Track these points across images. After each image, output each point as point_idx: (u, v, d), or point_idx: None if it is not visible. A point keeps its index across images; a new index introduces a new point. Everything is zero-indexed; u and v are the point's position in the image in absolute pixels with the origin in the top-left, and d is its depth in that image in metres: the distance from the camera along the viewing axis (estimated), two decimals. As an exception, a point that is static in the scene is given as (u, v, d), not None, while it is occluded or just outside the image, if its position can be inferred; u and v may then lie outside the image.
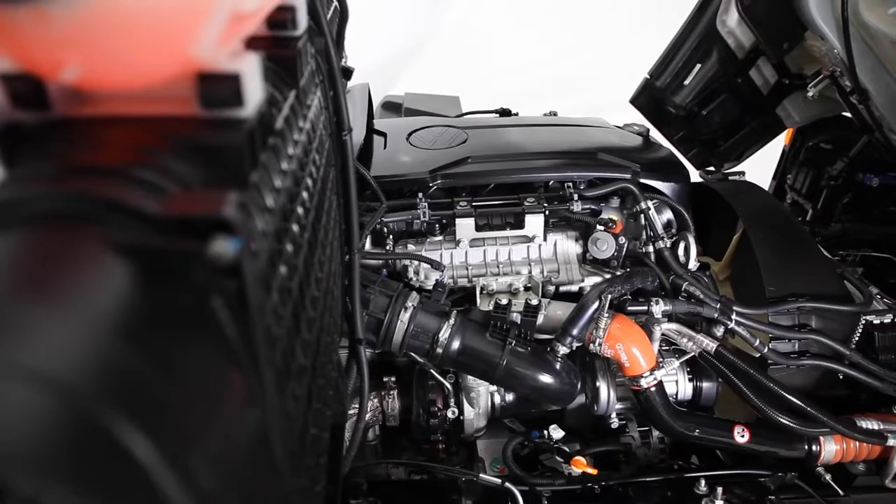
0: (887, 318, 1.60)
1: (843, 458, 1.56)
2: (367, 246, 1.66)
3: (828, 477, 1.53)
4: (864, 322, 1.60)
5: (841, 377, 1.61)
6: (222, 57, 0.50)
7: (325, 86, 1.00)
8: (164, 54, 0.47)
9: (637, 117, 2.46)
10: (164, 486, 0.36)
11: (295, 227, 0.72)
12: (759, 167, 2.69)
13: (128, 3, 0.42)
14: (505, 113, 2.43)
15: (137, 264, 0.43)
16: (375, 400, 1.62)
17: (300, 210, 0.75)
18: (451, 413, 1.59)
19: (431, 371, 1.58)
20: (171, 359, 0.42)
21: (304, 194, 0.79)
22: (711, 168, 2.56)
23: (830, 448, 1.55)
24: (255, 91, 0.53)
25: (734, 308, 1.53)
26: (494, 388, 1.62)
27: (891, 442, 1.49)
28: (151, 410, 0.38)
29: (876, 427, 1.51)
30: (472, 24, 4.99)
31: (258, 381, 0.52)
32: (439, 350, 1.43)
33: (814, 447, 1.55)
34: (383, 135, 1.96)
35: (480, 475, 1.46)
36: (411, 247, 1.65)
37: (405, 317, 1.42)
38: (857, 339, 1.61)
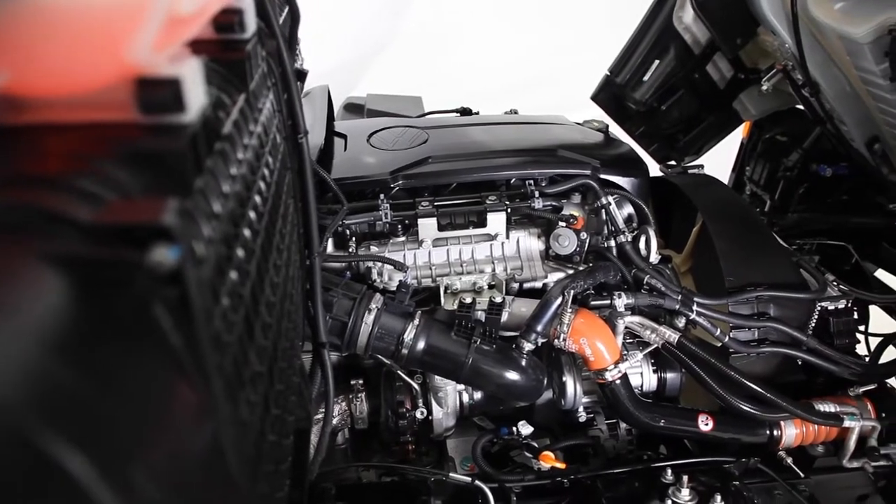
0: (841, 304, 1.65)
1: (804, 442, 1.60)
2: (330, 249, 1.65)
3: (789, 460, 1.57)
4: (819, 308, 1.64)
5: (799, 363, 1.65)
6: (161, 61, 0.49)
7: (278, 89, 0.99)
8: (98, 59, 0.46)
9: (599, 114, 2.49)
10: (102, 501, 0.35)
11: (247, 232, 0.71)
12: (719, 160, 2.75)
13: (55, 6, 0.41)
14: (465, 112, 2.43)
15: (74, 275, 0.42)
16: (343, 403, 1.61)
17: (252, 215, 0.74)
18: (419, 413, 1.58)
19: (399, 372, 1.58)
20: (111, 371, 0.42)
21: (257, 198, 0.78)
22: (672, 162, 2.60)
23: (791, 432, 1.58)
24: (197, 96, 0.52)
25: (695, 299, 1.56)
26: (462, 387, 1.62)
27: (847, 423, 1.53)
28: (87, 425, 0.37)
29: (833, 410, 1.55)
30: (434, 25, 5.00)
31: (207, 389, 0.51)
32: (405, 351, 1.42)
33: (775, 432, 1.59)
34: (343, 137, 1.95)
35: (450, 474, 1.46)
36: (374, 248, 1.65)
37: (369, 319, 1.41)
38: (813, 325, 1.65)
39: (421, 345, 1.43)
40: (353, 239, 1.64)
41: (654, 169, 2.55)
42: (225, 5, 0.71)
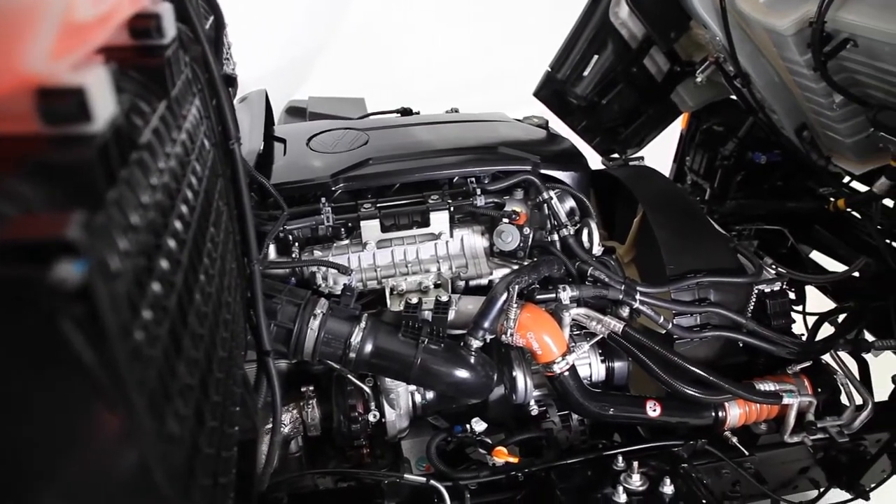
0: (776, 287, 1.70)
1: (747, 421, 1.66)
2: (272, 255, 1.63)
3: (734, 440, 1.63)
4: (756, 292, 1.70)
5: (740, 345, 1.71)
6: (62, 70, 0.48)
7: (205, 94, 0.97)
8: (-11, 69, 0.44)
9: (542, 111, 2.52)
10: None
11: (171, 243, 0.69)
12: (662, 151, 2.82)
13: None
14: (406, 112, 2.43)
15: (-24, 296, 0.40)
16: (294, 411, 1.59)
17: (178, 224, 0.73)
18: (372, 417, 1.58)
19: (349, 376, 1.56)
20: (14, 394, 0.40)
21: (183, 208, 0.76)
22: (616, 155, 2.65)
23: (735, 412, 1.63)
24: (105, 104, 0.51)
25: (638, 288, 1.60)
26: (414, 387, 1.62)
27: (786, 400, 1.59)
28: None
29: (772, 388, 1.61)
30: (375, 26, 4.97)
31: (126, 406, 0.50)
32: (352, 355, 1.41)
33: (720, 413, 1.63)
34: (283, 141, 1.92)
35: (405, 475, 1.46)
36: (318, 253, 1.63)
37: (315, 324, 1.39)
38: (751, 308, 1.71)
39: (368, 348, 1.42)
40: (296, 244, 1.62)
41: (598, 162, 2.60)
42: (139, 10, 0.69)
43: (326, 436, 1.63)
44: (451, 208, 1.66)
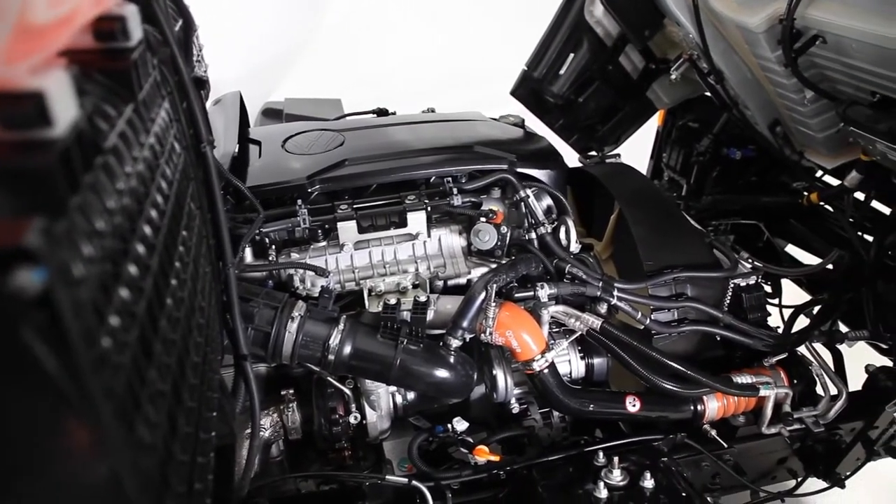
0: (752, 280, 1.72)
1: (725, 413, 1.68)
2: (249, 258, 1.62)
3: (713, 432, 1.64)
4: (732, 286, 1.72)
5: (718, 339, 1.72)
6: (20, 74, 0.47)
7: (174, 97, 0.96)
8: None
9: (520, 109, 2.53)
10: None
11: (140, 248, 0.68)
12: (640, 149, 2.84)
13: None
14: (382, 113, 2.42)
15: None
16: (275, 415, 1.58)
17: (147, 229, 0.72)
18: (353, 419, 1.57)
19: (329, 378, 1.55)
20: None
21: (153, 212, 0.76)
22: (594, 153, 2.67)
23: (713, 406, 1.65)
24: (66, 109, 0.50)
25: (615, 285, 1.61)
26: (395, 388, 1.61)
27: (762, 392, 1.61)
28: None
29: (749, 381, 1.63)
30: (352, 27, 4.96)
31: (92, 414, 0.49)
32: (331, 357, 1.41)
33: (699, 407, 1.65)
34: (258, 143, 1.90)
35: (387, 477, 1.45)
36: (295, 255, 1.62)
37: (293, 327, 1.39)
38: (728, 302, 1.72)
39: (347, 349, 1.42)
40: (273, 247, 1.60)
41: (576, 160, 2.61)
42: (103, 12, 0.68)
43: (308, 439, 1.62)
44: (428, 208, 1.65)
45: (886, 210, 1.95)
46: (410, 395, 1.64)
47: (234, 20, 3.93)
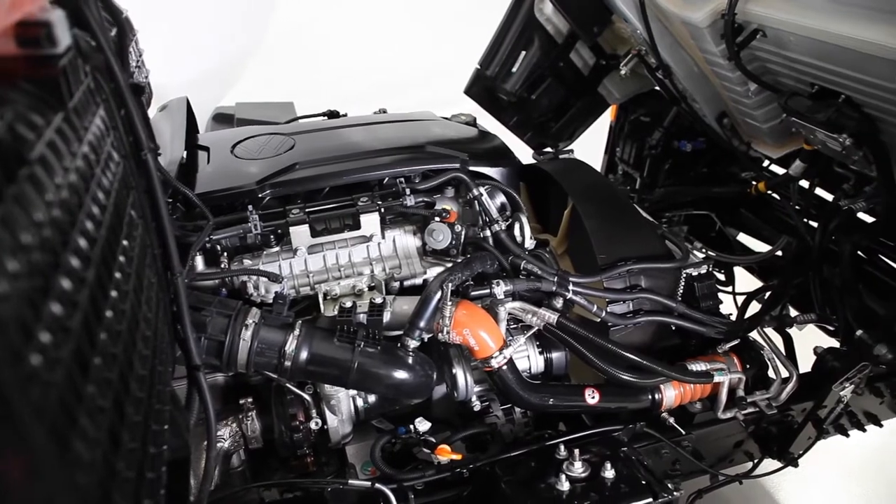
0: (703, 269, 1.76)
1: (682, 401, 1.71)
2: (200, 266, 1.58)
3: (671, 420, 1.67)
4: (685, 275, 1.75)
5: (673, 328, 1.76)
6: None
7: (110, 105, 0.94)
8: None
9: (474, 109, 2.54)
10: None
11: (74, 261, 0.66)
12: (595, 144, 2.88)
13: None
14: (333, 115, 2.40)
15: None
16: (234, 424, 1.55)
17: (82, 241, 0.70)
18: (314, 424, 1.55)
19: (288, 385, 1.53)
20: None
21: (88, 223, 0.73)
22: (548, 149, 2.69)
23: (670, 394, 1.68)
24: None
25: (570, 279, 1.62)
26: (355, 392, 1.60)
27: (717, 378, 1.65)
28: None
29: (704, 368, 1.66)
30: (302, 30, 4.90)
31: (21, 433, 0.47)
32: (288, 363, 1.39)
33: (656, 396, 1.68)
34: (206, 149, 1.87)
35: (350, 481, 1.44)
36: (247, 261, 1.59)
37: (247, 335, 1.36)
38: (681, 291, 1.76)
39: (304, 355, 1.40)
40: (225, 254, 1.58)
41: (530, 156, 2.63)
42: (23, 17, 0.66)
43: (269, 447, 1.60)
44: (382, 209, 1.65)
45: (829, 197, 2.01)
46: (371, 398, 1.63)
47: (184, 24, 3.86)
